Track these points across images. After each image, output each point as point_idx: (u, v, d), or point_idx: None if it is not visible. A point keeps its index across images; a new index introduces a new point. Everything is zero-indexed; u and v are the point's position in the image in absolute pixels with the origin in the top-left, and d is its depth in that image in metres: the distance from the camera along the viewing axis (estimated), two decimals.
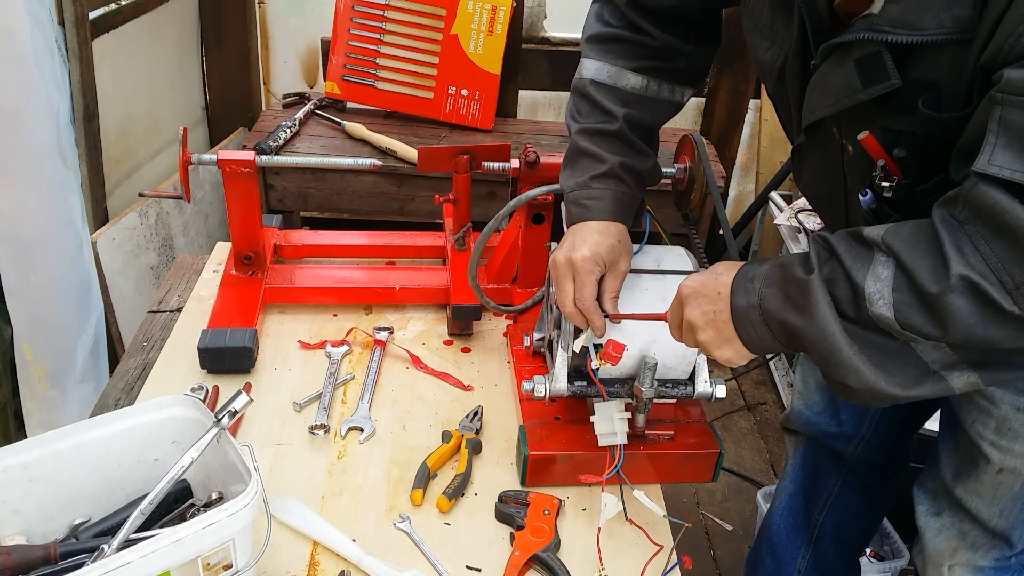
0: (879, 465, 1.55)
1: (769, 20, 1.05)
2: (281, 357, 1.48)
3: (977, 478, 1.18)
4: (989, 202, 0.78)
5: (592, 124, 1.23)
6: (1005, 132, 0.76)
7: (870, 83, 0.89)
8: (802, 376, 1.59)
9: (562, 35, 3.06)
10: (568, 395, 1.23)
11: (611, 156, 1.20)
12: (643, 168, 1.24)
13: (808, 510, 1.61)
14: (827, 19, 0.95)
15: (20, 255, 1.84)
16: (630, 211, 1.23)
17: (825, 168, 1.10)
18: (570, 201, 1.22)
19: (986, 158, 0.77)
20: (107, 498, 1.05)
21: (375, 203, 2.70)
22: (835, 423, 1.52)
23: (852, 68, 0.90)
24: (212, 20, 2.91)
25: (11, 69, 1.68)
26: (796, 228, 2.72)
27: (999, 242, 0.78)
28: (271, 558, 1.09)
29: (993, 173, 0.77)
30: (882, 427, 1.49)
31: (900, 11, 0.83)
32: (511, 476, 1.26)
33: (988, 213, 0.78)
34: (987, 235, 0.79)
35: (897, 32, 0.84)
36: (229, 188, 1.51)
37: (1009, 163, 0.76)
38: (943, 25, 0.81)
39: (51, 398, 1.99)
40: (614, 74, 1.23)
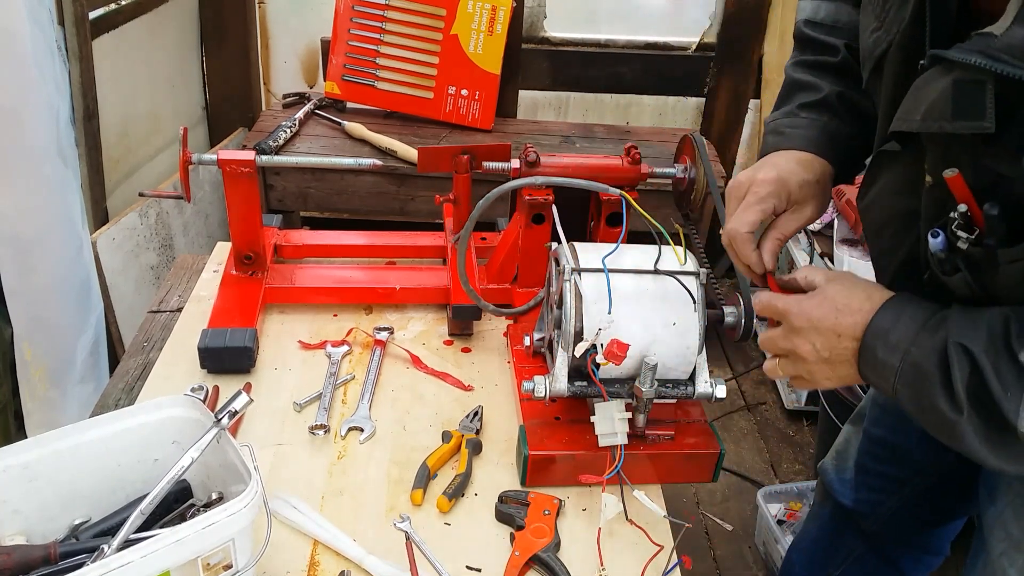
0: (907, 545, 1.47)
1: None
2: (281, 357, 1.48)
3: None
4: None
5: (809, 56, 1.07)
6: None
7: (961, 116, 0.74)
8: (846, 438, 1.48)
9: (562, 35, 3.06)
10: (568, 395, 1.23)
11: (829, 85, 1.03)
12: (863, 105, 1.02)
13: (825, 564, 1.56)
14: (955, 10, 0.80)
15: (20, 255, 1.84)
16: (840, 148, 1.02)
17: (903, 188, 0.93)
18: (769, 129, 1.06)
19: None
20: (107, 498, 1.05)
21: (375, 203, 2.70)
22: (851, 498, 1.45)
23: (948, 90, 0.75)
24: (212, 20, 2.92)
25: (11, 69, 1.68)
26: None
27: None
28: (271, 558, 1.09)
29: None
30: (901, 517, 1.39)
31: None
32: (511, 476, 1.26)
33: None
34: None
35: (1016, 66, 0.69)
36: (229, 188, 1.51)
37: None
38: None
39: (51, 398, 1.99)
40: (832, 12, 1.07)
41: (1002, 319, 0.78)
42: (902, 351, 0.83)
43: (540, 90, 3.12)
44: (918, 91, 0.80)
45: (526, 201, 1.44)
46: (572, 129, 2.98)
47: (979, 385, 0.78)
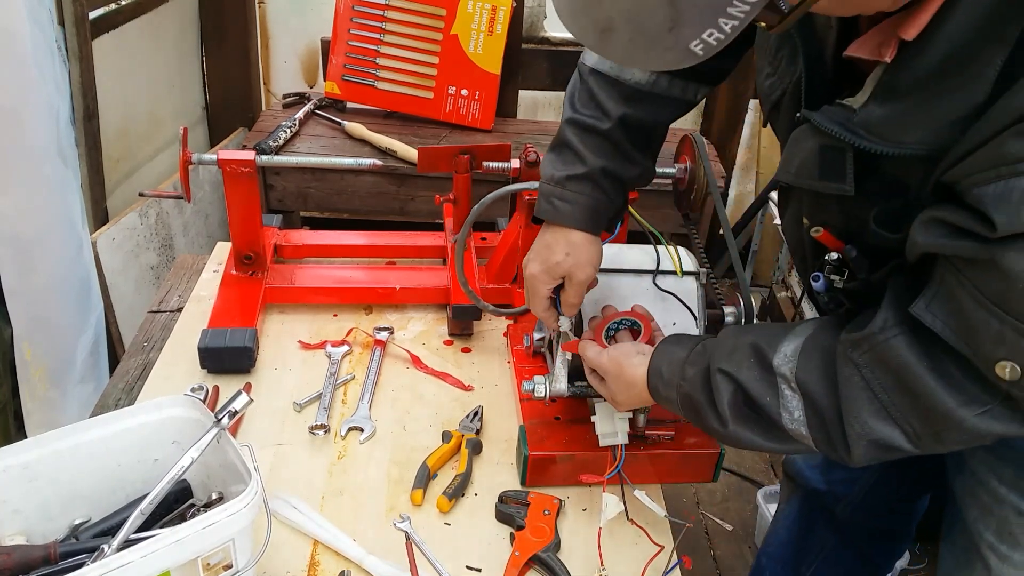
0: (877, 532, 1.49)
1: (775, 47, 0.96)
2: (281, 357, 1.48)
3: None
4: (901, 361, 0.80)
5: (583, 117, 1.14)
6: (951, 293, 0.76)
7: (826, 177, 0.85)
8: None
9: (562, 35, 3.06)
10: (568, 395, 1.23)
11: (593, 159, 1.13)
12: (627, 175, 1.16)
13: (797, 564, 1.58)
14: (832, 70, 0.87)
15: (20, 255, 1.83)
16: (602, 219, 1.16)
17: (794, 228, 1.05)
18: (542, 193, 1.16)
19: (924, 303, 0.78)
20: (107, 498, 1.05)
21: (375, 203, 2.69)
22: (823, 481, 1.46)
23: (816, 152, 0.85)
24: (212, 20, 2.91)
25: (11, 69, 1.68)
26: None
27: (902, 395, 0.81)
28: (271, 558, 1.09)
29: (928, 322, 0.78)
30: (874, 495, 1.43)
31: (882, 119, 0.77)
32: (511, 476, 1.26)
33: (894, 367, 0.81)
34: (889, 384, 0.82)
35: (872, 142, 0.78)
36: (229, 188, 1.50)
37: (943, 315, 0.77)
38: (923, 141, 0.75)
39: (51, 398, 1.99)
40: (616, 65, 1.12)
41: (752, 343, 0.93)
42: (675, 386, 1.00)
43: (540, 90, 3.11)
44: (793, 145, 0.89)
45: (526, 201, 1.44)
46: None
47: (743, 398, 0.93)
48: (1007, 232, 0.68)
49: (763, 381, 0.91)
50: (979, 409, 0.78)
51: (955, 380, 0.78)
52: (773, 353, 0.91)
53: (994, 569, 1.06)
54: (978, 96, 0.70)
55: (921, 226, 0.78)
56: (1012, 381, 0.74)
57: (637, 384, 1.05)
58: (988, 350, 0.74)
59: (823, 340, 0.89)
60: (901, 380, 0.81)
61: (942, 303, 0.77)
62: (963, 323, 0.76)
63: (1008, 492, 1.02)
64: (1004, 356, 0.73)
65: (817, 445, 0.90)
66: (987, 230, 0.69)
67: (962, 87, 0.71)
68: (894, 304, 0.83)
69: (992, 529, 1.05)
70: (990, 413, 0.78)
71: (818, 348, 0.89)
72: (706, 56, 0.67)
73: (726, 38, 0.65)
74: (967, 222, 0.71)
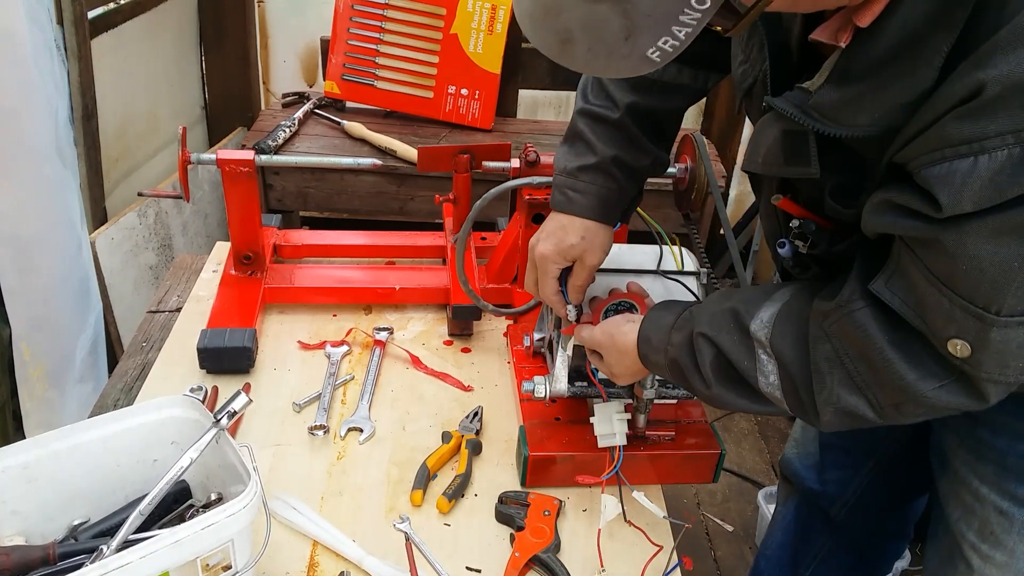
0: (874, 533, 1.50)
1: (746, 35, 0.96)
2: (281, 357, 1.48)
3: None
4: (862, 332, 0.83)
5: (593, 107, 1.15)
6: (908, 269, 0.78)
7: (791, 162, 0.87)
8: (803, 424, 1.53)
9: None
10: (568, 396, 1.23)
11: (604, 148, 1.14)
12: (639, 164, 1.16)
13: (795, 566, 1.58)
14: (797, 55, 0.88)
15: (19, 255, 1.83)
16: (615, 209, 1.17)
17: (767, 207, 1.08)
18: (555, 184, 1.18)
19: (883, 281, 0.81)
20: (106, 498, 1.05)
21: (375, 203, 2.69)
22: (818, 481, 1.47)
23: (779, 139, 0.87)
24: (211, 19, 2.91)
25: (10, 69, 1.68)
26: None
27: (865, 366, 0.84)
28: (271, 558, 1.09)
29: (886, 299, 0.80)
30: (869, 495, 1.43)
31: (836, 102, 0.79)
32: (511, 477, 1.26)
33: (858, 339, 0.83)
34: (855, 355, 0.85)
35: (827, 125, 0.80)
36: (228, 188, 1.50)
37: (901, 292, 0.80)
38: (874, 124, 0.77)
39: (50, 398, 1.99)
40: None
41: (731, 308, 0.96)
42: (663, 351, 1.02)
43: (540, 89, 3.11)
44: (759, 134, 0.91)
45: (526, 201, 1.44)
46: None
47: (723, 362, 0.96)
48: (951, 213, 0.70)
49: (741, 345, 0.94)
50: (935, 384, 0.80)
51: (914, 354, 0.81)
52: (750, 319, 0.94)
53: (976, 569, 1.07)
54: (926, 82, 0.72)
55: (872, 207, 0.80)
56: (963, 358, 0.76)
57: (629, 352, 1.07)
58: (940, 328, 0.77)
59: (797, 307, 0.92)
60: (864, 352, 0.83)
61: (899, 281, 0.80)
62: (918, 301, 0.78)
63: (989, 492, 1.03)
64: (954, 334, 0.76)
65: (790, 408, 0.93)
66: (933, 210, 0.71)
67: (911, 72, 0.72)
68: (859, 277, 0.85)
69: (974, 529, 1.06)
70: (946, 388, 0.80)
71: (792, 315, 0.91)
72: (663, 63, 0.68)
73: (681, 44, 0.66)
74: (915, 202, 0.73)
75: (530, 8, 0.71)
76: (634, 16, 0.65)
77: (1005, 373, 0.76)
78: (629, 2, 0.64)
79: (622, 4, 0.64)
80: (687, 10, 0.64)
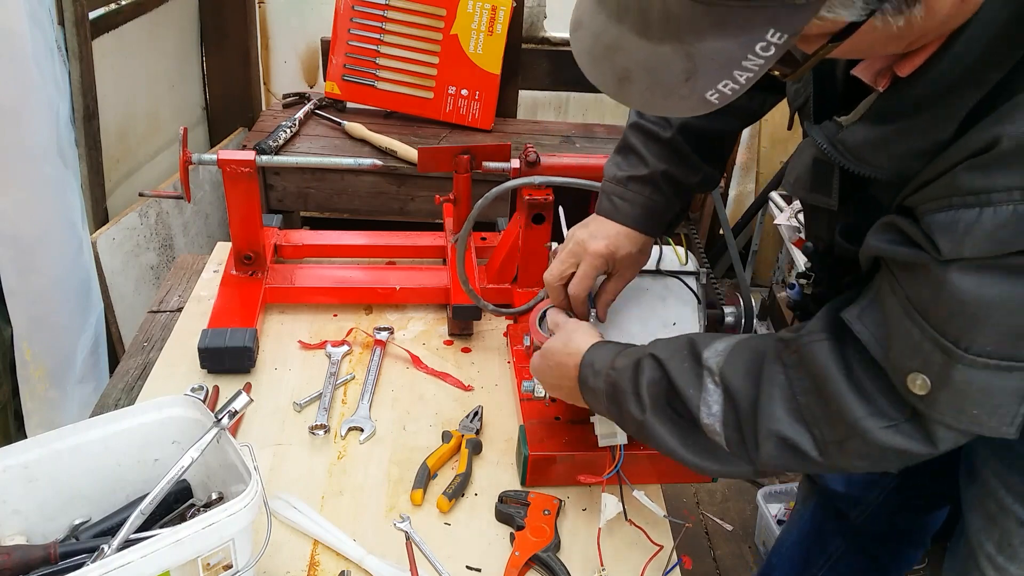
0: (889, 537, 1.49)
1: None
2: (281, 357, 1.48)
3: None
4: (820, 366, 0.84)
5: (646, 123, 1.17)
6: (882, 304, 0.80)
7: (815, 189, 0.90)
8: None
9: (562, 35, 3.05)
10: None
11: (655, 162, 1.15)
12: (688, 181, 1.17)
13: (807, 565, 1.58)
14: (842, 86, 0.90)
15: (20, 255, 1.84)
16: (660, 222, 1.18)
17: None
18: (603, 191, 1.19)
19: (857, 311, 0.83)
20: (107, 498, 1.05)
21: (375, 203, 2.69)
22: (843, 482, 1.47)
23: (809, 165, 0.89)
24: (212, 20, 2.91)
25: (11, 69, 1.68)
26: (796, 228, 2.71)
27: (816, 399, 0.85)
28: (271, 558, 1.09)
29: (856, 329, 0.82)
30: (892, 500, 1.43)
31: (860, 140, 0.81)
32: (511, 476, 1.26)
33: (814, 370, 0.85)
34: (808, 387, 0.86)
35: (849, 161, 0.82)
36: (229, 188, 1.50)
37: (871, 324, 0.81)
38: (888, 167, 0.80)
39: (51, 398, 1.99)
40: None
41: (688, 339, 0.98)
42: (603, 375, 1.03)
43: (540, 90, 3.11)
44: (796, 156, 0.93)
45: (526, 201, 1.44)
46: (572, 129, 2.97)
47: (666, 385, 0.96)
48: (949, 257, 0.72)
49: (690, 372, 0.95)
50: (885, 423, 0.82)
51: (867, 392, 0.82)
52: (704, 348, 0.95)
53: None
54: (945, 133, 0.74)
55: (876, 228, 0.82)
56: (920, 395, 0.77)
57: (574, 352, 1.08)
58: (904, 360, 0.78)
59: (755, 343, 0.94)
60: (818, 384, 0.85)
61: (873, 310, 0.82)
62: (888, 332, 0.80)
63: (1013, 502, 1.02)
64: (918, 368, 0.77)
65: (727, 442, 0.93)
66: (934, 252, 0.73)
67: (934, 124, 0.74)
68: (828, 311, 0.87)
69: (994, 540, 1.05)
70: (896, 428, 0.82)
71: (748, 348, 0.93)
72: (721, 105, 0.69)
73: (741, 88, 0.67)
74: (918, 237, 0.75)
75: (589, 46, 0.71)
76: (697, 59, 0.65)
77: (959, 419, 0.78)
78: (693, 46, 0.64)
79: (686, 47, 0.64)
80: (751, 56, 0.64)
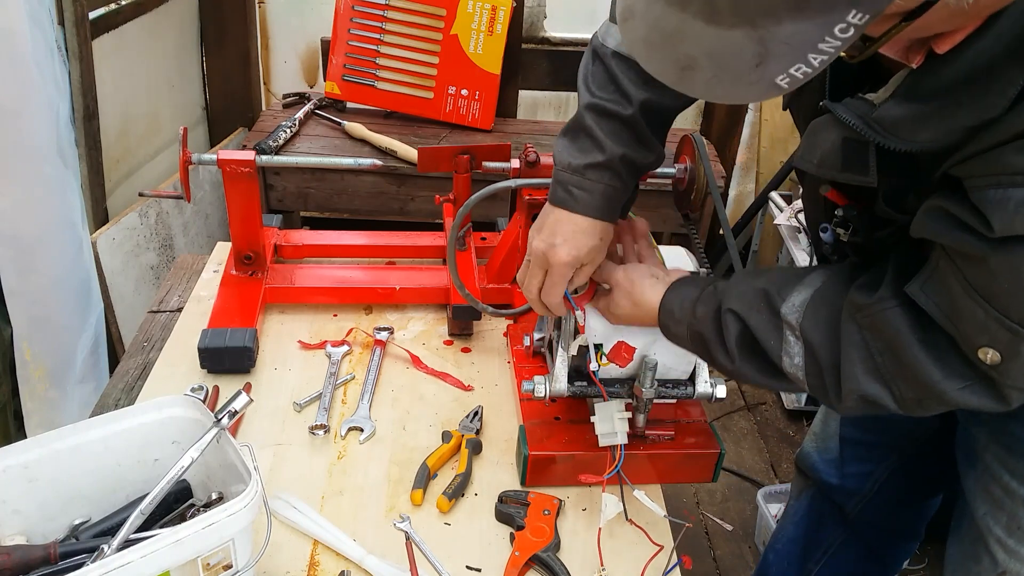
0: (886, 530, 1.51)
1: None
2: (281, 357, 1.48)
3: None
4: (893, 330, 0.86)
5: (603, 102, 1.11)
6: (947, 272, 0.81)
7: (848, 169, 0.88)
8: (823, 418, 1.54)
9: (562, 35, 3.05)
10: (568, 395, 1.23)
11: (613, 146, 1.10)
12: (644, 162, 1.14)
13: (804, 560, 1.58)
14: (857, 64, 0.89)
15: (20, 255, 1.84)
16: (618, 207, 1.15)
17: (811, 193, 1.09)
18: (558, 180, 1.13)
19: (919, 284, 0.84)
20: (107, 498, 1.05)
21: (375, 203, 2.69)
22: (838, 475, 1.48)
23: (839, 145, 0.87)
24: (212, 20, 2.91)
25: (11, 69, 1.68)
26: (796, 228, 2.71)
27: (893, 360, 0.87)
28: (271, 558, 1.09)
29: (921, 303, 0.83)
30: (887, 491, 1.44)
31: (899, 117, 0.79)
32: (511, 476, 1.26)
33: (888, 335, 0.87)
34: (882, 348, 0.88)
35: (888, 138, 0.81)
36: (229, 188, 1.50)
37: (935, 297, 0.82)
38: (934, 140, 0.78)
39: (51, 398, 1.99)
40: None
41: (763, 288, 0.98)
42: (686, 324, 1.05)
43: (540, 90, 3.11)
44: (814, 135, 0.91)
45: (526, 201, 1.44)
46: None
47: (749, 339, 0.98)
48: (1002, 235, 0.72)
49: (770, 324, 0.96)
50: (960, 384, 0.84)
51: (942, 355, 0.84)
52: (782, 301, 0.95)
53: (1001, 563, 1.07)
54: (995, 110, 0.72)
55: (926, 212, 0.82)
56: (992, 365, 0.79)
57: (644, 307, 1.10)
58: (972, 335, 0.80)
59: (831, 296, 0.94)
60: (893, 347, 0.86)
61: (935, 286, 0.82)
62: (952, 307, 0.81)
63: (1019, 486, 1.04)
64: (986, 343, 0.79)
65: (811, 389, 0.95)
66: (986, 229, 0.73)
67: (981, 99, 0.73)
68: (895, 277, 0.87)
69: (1002, 524, 1.07)
70: (970, 388, 0.84)
71: (825, 303, 0.93)
72: (791, 89, 0.67)
73: (813, 72, 0.65)
74: (968, 217, 0.75)
75: (645, 34, 0.69)
76: (770, 44, 0.63)
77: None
78: (768, 30, 0.62)
79: (759, 32, 0.62)
80: (828, 38, 0.62)
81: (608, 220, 1.13)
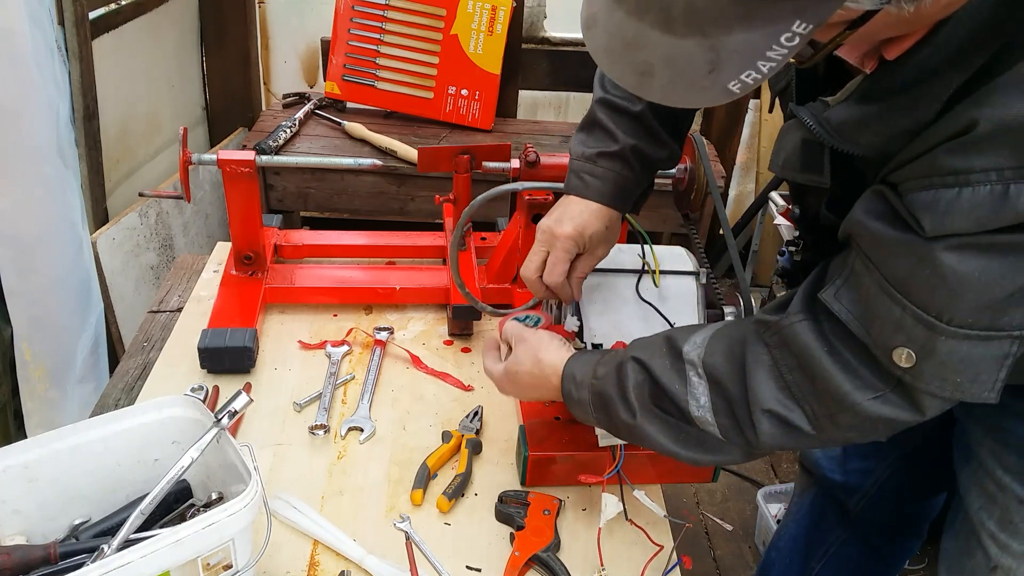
0: (888, 526, 1.51)
1: None
2: (281, 357, 1.48)
3: (972, 572, 1.12)
4: (803, 345, 0.86)
5: (614, 98, 1.17)
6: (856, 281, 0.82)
7: (806, 169, 0.91)
8: None
9: (562, 35, 3.06)
10: None
11: (624, 137, 1.15)
12: (655, 156, 1.18)
13: (806, 558, 1.59)
14: (823, 66, 0.92)
15: (20, 255, 1.84)
16: (629, 197, 1.18)
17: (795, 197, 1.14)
18: (572, 169, 1.18)
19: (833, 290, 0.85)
20: (107, 498, 1.05)
21: (375, 203, 2.69)
22: (840, 472, 1.48)
23: (798, 146, 0.91)
24: (212, 20, 2.91)
25: (11, 69, 1.68)
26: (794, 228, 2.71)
27: (803, 376, 0.87)
28: (271, 558, 1.09)
29: (834, 309, 0.84)
30: (889, 487, 1.45)
31: (843, 119, 0.82)
32: (511, 476, 1.26)
33: (797, 350, 0.87)
34: (792, 365, 0.88)
35: (833, 139, 0.83)
36: (229, 188, 1.50)
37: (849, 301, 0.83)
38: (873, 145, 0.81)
39: (51, 398, 1.99)
40: None
41: (666, 336, 1.00)
42: (587, 386, 1.03)
43: (540, 90, 3.11)
44: (781, 138, 0.95)
45: (526, 201, 1.44)
46: (572, 129, 2.94)
47: (652, 386, 0.97)
48: (934, 235, 0.74)
49: (672, 369, 0.96)
50: (872, 394, 0.84)
51: (851, 366, 0.84)
52: (683, 343, 0.97)
53: (993, 557, 1.08)
54: (928, 114, 0.75)
55: (864, 198, 0.83)
56: (907, 368, 0.80)
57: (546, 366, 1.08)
58: (887, 336, 0.80)
59: (731, 329, 0.96)
60: (803, 362, 0.87)
61: (849, 290, 0.84)
62: (867, 309, 0.82)
63: (1011, 481, 1.05)
64: (902, 343, 0.79)
65: (722, 432, 0.94)
66: (919, 229, 0.75)
67: (917, 105, 0.76)
68: (805, 291, 0.89)
69: (995, 518, 1.08)
70: (883, 398, 0.84)
71: (726, 335, 0.95)
72: (742, 94, 0.70)
73: (763, 77, 0.68)
74: (903, 213, 0.77)
75: (606, 43, 0.71)
76: (722, 52, 0.65)
77: (943, 387, 0.80)
78: (719, 39, 0.64)
79: (711, 41, 0.64)
80: (775, 46, 0.65)
81: (617, 208, 1.16)
